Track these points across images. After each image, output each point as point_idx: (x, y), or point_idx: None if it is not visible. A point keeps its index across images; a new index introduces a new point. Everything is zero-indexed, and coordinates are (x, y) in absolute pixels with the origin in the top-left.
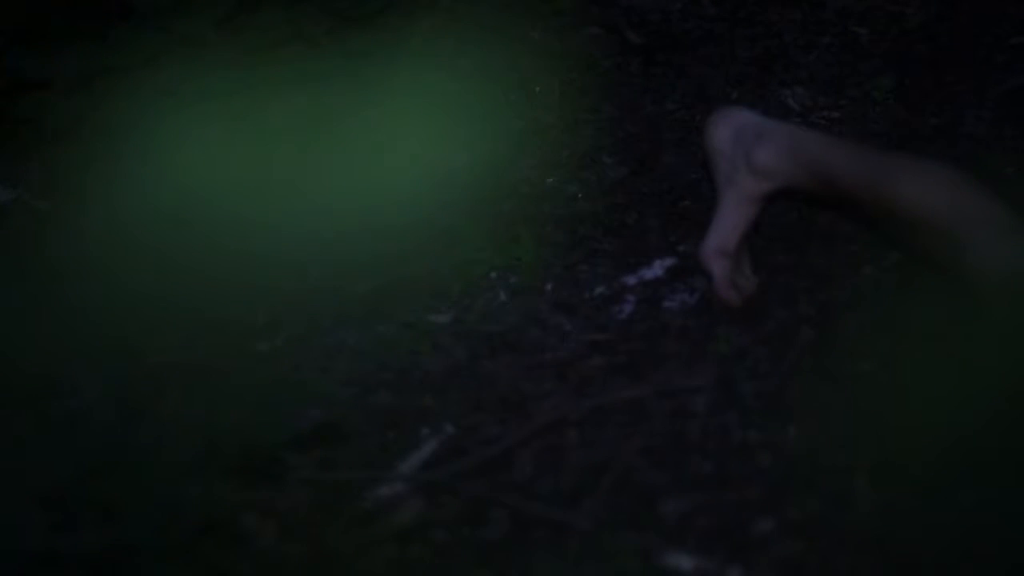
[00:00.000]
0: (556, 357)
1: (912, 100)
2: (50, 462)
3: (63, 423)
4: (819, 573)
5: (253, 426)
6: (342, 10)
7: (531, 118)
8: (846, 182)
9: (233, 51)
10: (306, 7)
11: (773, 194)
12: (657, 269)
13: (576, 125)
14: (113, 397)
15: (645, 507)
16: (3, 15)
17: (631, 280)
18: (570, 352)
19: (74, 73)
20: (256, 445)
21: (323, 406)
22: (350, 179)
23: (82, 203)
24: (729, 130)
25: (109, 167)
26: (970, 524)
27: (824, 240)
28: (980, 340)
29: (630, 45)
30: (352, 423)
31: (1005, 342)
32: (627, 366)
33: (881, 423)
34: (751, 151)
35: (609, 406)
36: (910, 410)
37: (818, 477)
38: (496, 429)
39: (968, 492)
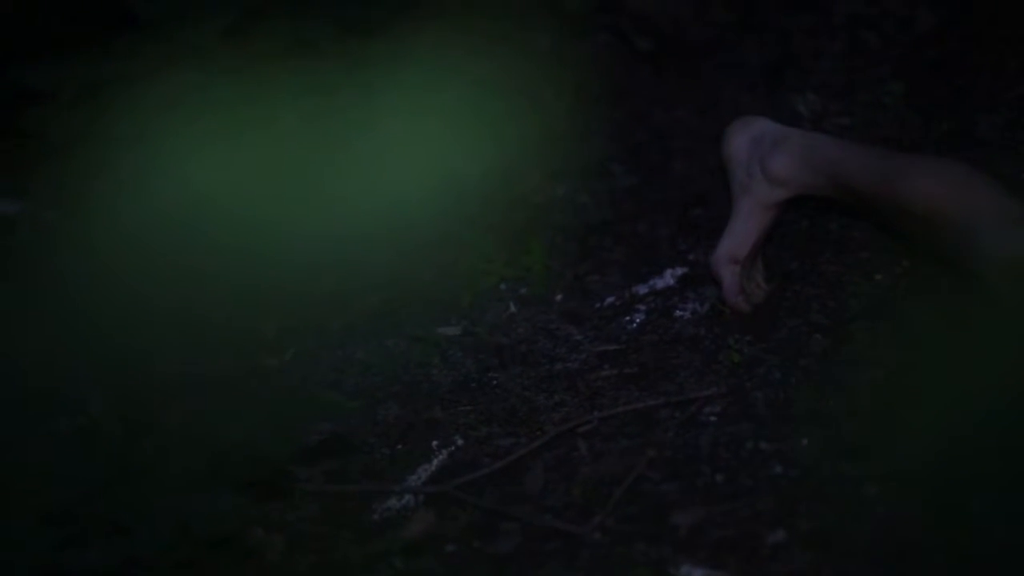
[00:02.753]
0: (566, 368)
1: (924, 105)
2: (57, 477)
3: (70, 437)
4: None
5: (261, 439)
6: (349, 19)
7: (540, 127)
8: (862, 184)
9: (239, 60)
10: (312, 16)
11: (788, 201)
12: (668, 278)
13: (585, 134)
14: (120, 411)
15: (656, 518)
16: (6, 26)
17: (642, 290)
18: (580, 363)
19: (79, 84)
20: (264, 458)
21: (332, 419)
22: (358, 190)
23: (88, 214)
24: (746, 138)
25: (115, 178)
26: (981, 533)
27: (835, 248)
28: (992, 348)
29: (639, 52)
30: (361, 436)
31: (1017, 348)
32: (638, 376)
33: (893, 432)
34: (766, 159)
35: (620, 417)
36: (921, 418)
37: (830, 487)
38: (506, 441)
39: (980, 501)
